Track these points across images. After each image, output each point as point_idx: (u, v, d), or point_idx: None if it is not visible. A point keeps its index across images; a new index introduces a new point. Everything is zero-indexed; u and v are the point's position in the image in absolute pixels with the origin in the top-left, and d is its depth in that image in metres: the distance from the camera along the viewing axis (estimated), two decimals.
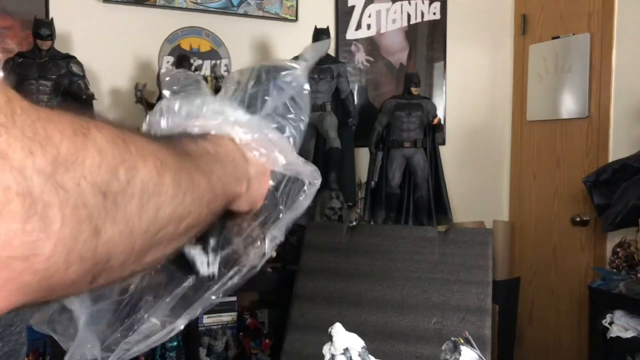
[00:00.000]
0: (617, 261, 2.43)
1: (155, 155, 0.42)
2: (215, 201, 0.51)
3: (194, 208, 0.46)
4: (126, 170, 0.38)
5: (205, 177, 0.49)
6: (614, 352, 2.28)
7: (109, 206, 0.36)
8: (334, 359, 0.73)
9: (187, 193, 0.45)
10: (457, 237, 2.40)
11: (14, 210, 0.31)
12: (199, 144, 0.53)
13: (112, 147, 0.38)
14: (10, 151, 0.31)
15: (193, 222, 0.47)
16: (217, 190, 0.51)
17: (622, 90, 2.78)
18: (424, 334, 2.14)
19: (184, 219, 0.45)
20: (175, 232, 0.44)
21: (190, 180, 0.46)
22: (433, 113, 2.91)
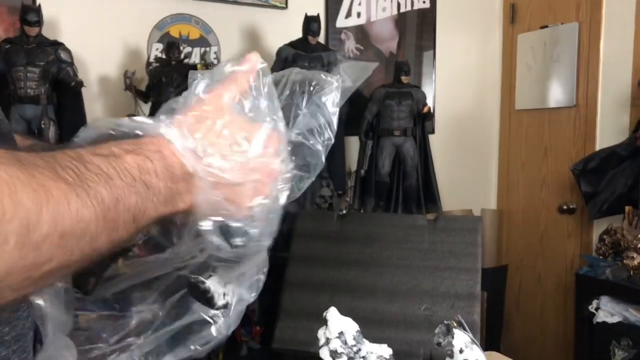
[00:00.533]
0: (604, 248, 2.46)
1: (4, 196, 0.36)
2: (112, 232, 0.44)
3: (61, 251, 0.40)
4: None
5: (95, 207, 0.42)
6: (600, 337, 2.32)
7: None
8: (329, 343, 0.74)
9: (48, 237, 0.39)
10: (447, 225, 2.42)
11: None
12: (117, 161, 0.46)
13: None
14: None
15: (61, 264, 0.41)
16: (118, 220, 0.44)
17: (609, 79, 2.80)
18: (414, 321, 2.17)
19: (39, 265, 0.39)
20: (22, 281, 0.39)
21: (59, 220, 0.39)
22: (423, 102, 2.92)
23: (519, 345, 3.25)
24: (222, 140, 0.52)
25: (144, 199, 0.46)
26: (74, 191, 0.40)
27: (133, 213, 0.46)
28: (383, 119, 2.90)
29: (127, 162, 0.46)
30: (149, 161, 0.47)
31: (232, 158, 0.52)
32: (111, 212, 0.43)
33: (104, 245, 0.45)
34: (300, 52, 2.70)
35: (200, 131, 0.51)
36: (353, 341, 0.75)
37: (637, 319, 2.19)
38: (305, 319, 2.17)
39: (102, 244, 0.44)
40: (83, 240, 0.41)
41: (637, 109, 2.55)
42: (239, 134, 0.53)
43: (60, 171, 0.41)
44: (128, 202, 0.45)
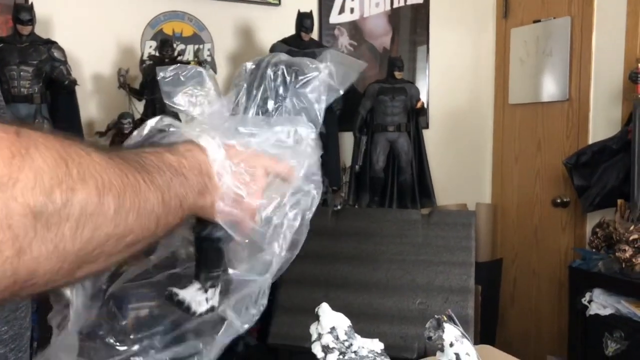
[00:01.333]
0: (597, 241, 2.48)
1: (98, 176, 0.42)
2: (167, 216, 0.51)
3: (138, 225, 0.47)
4: (63, 192, 0.39)
5: (157, 192, 0.49)
6: (593, 329, 2.34)
7: (39, 227, 0.37)
8: (321, 338, 0.75)
9: (130, 211, 0.45)
10: (441, 220, 2.43)
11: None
12: (162, 156, 0.53)
13: (50, 169, 0.38)
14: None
15: (136, 239, 0.47)
16: (171, 205, 0.51)
17: (601, 73, 2.82)
18: (409, 315, 2.18)
19: (125, 236, 0.45)
20: (114, 249, 0.45)
21: (136, 199, 0.46)
22: (416, 97, 2.93)
23: (513, 338, 3.27)
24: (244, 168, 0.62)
25: (185, 187, 0.54)
26: (141, 176, 0.48)
27: (180, 198, 0.53)
28: (377, 114, 2.91)
29: (169, 157, 0.54)
30: (184, 159, 0.55)
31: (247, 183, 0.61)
32: (166, 195, 0.50)
33: (165, 226, 0.51)
34: (293, 49, 2.71)
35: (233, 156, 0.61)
36: (345, 336, 0.76)
37: (629, 311, 2.21)
38: (300, 315, 2.18)
39: (163, 225, 0.51)
40: (151, 218, 0.48)
41: (628, 102, 2.57)
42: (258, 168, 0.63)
43: (129, 161, 0.48)
44: (176, 189, 0.52)
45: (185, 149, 0.57)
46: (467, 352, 0.77)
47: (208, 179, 0.58)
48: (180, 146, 0.58)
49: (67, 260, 0.40)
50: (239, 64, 2.93)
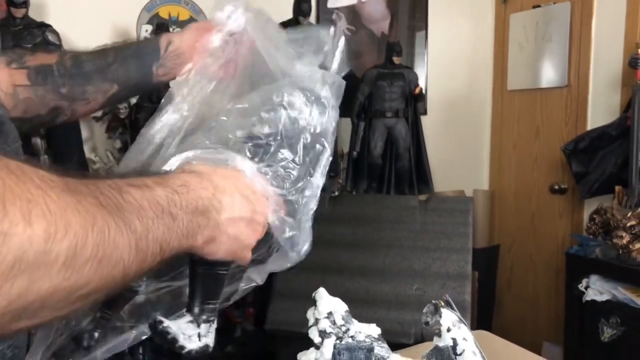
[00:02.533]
0: (594, 227, 2.48)
1: (51, 218, 0.37)
2: (140, 263, 0.46)
3: (98, 276, 0.41)
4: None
5: (130, 238, 0.44)
6: (589, 315, 2.35)
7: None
8: (318, 323, 0.75)
9: (89, 262, 0.40)
10: (438, 206, 2.43)
11: None
12: (150, 192, 0.49)
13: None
14: None
15: (94, 290, 0.42)
16: (147, 251, 0.46)
17: (601, 59, 2.80)
18: (406, 300, 2.19)
19: (78, 288, 0.40)
20: (62, 303, 0.40)
21: (100, 246, 0.41)
22: (415, 82, 2.91)
23: (510, 324, 3.28)
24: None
25: (170, 230, 0.49)
26: (113, 220, 0.42)
27: (160, 243, 0.48)
28: (375, 100, 2.89)
29: (157, 193, 0.49)
30: (177, 194, 0.51)
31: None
32: (142, 242, 0.45)
33: (134, 274, 0.46)
34: None
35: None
36: (342, 321, 0.75)
37: (625, 297, 2.22)
38: (297, 300, 2.19)
39: (132, 272, 0.46)
40: (117, 267, 0.43)
41: (628, 88, 2.56)
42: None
43: (102, 199, 0.43)
44: (156, 233, 0.47)
45: (180, 182, 0.53)
46: (464, 337, 0.77)
47: (205, 217, 0.54)
48: (175, 178, 0.54)
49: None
50: None
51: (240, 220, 0.59)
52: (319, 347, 0.74)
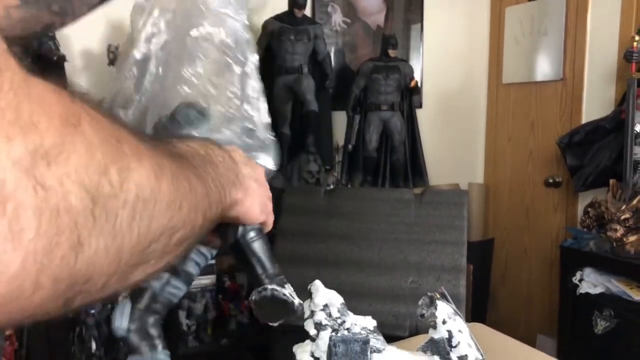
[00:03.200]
0: (588, 221, 2.49)
1: (151, 156, 0.36)
2: (211, 209, 0.47)
3: (189, 218, 0.41)
4: (119, 172, 0.32)
5: (201, 181, 0.45)
6: (583, 308, 2.36)
7: (98, 214, 0.30)
8: (314, 315, 0.75)
9: (183, 201, 0.40)
10: (433, 199, 2.43)
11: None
12: (189, 145, 0.51)
13: (102, 144, 0.32)
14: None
15: (186, 235, 0.42)
16: (213, 197, 0.47)
17: (596, 53, 2.80)
18: (401, 293, 2.19)
19: (177, 230, 0.40)
20: (166, 246, 0.39)
21: (188, 186, 0.41)
22: (410, 76, 2.91)
23: (504, 316, 3.30)
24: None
25: (222, 179, 0.52)
26: (188, 168, 0.44)
27: (220, 191, 0.51)
28: (370, 93, 2.89)
29: (197, 149, 0.52)
30: (215, 151, 0.55)
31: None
32: (210, 187, 0.48)
33: (206, 224, 0.47)
34: (286, 26, 2.68)
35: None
36: (337, 313, 0.75)
37: (619, 289, 2.23)
38: None
39: (206, 221, 0.47)
40: (197, 211, 0.44)
41: (622, 82, 2.56)
42: None
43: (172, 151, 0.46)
44: (216, 180, 0.50)
45: (206, 143, 0.56)
46: (459, 330, 0.77)
47: (235, 174, 0.57)
48: (199, 141, 0.56)
49: (124, 258, 0.33)
50: None
51: (258, 195, 0.63)
52: (314, 339, 0.74)
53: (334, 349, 0.69)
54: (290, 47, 2.67)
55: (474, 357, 0.75)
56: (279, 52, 2.69)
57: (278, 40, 2.67)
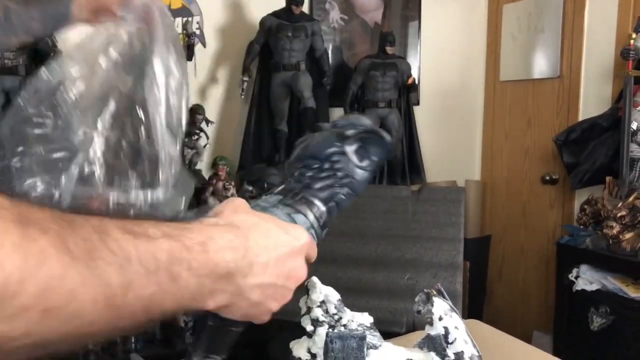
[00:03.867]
0: (585, 218, 2.50)
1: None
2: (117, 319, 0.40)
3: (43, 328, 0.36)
4: None
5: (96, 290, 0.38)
6: (579, 305, 2.37)
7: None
8: (311, 312, 0.75)
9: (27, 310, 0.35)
10: (430, 196, 2.44)
11: None
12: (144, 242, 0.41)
13: None
14: None
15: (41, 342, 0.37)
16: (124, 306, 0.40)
17: (593, 50, 2.81)
18: (397, 290, 2.20)
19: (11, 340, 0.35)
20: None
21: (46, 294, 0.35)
22: (408, 73, 2.91)
23: (501, 313, 3.31)
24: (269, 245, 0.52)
25: (164, 291, 0.42)
26: (75, 267, 0.36)
27: (146, 304, 0.42)
28: (368, 90, 2.89)
29: (159, 247, 0.42)
30: (186, 251, 0.44)
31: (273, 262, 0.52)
32: (118, 298, 0.39)
33: (102, 331, 0.41)
34: (284, 22, 2.67)
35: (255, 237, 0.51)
36: (334, 310, 0.76)
37: (615, 286, 2.24)
38: None
39: (99, 329, 0.40)
40: (74, 321, 0.37)
41: (619, 79, 2.57)
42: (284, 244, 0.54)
43: (70, 242, 0.37)
44: (142, 291, 0.41)
45: (202, 238, 0.46)
46: (456, 326, 0.77)
47: (225, 281, 0.48)
48: (197, 232, 0.47)
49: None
50: (228, 37, 2.90)
51: (269, 287, 0.52)
52: (311, 335, 0.74)
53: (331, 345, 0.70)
54: (288, 43, 2.67)
55: (470, 354, 0.76)
56: (276, 48, 2.69)
57: (275, 37, 2.67)
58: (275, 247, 0.53)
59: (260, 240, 0.51)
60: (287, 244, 0.54)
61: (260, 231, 0.52)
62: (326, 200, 0.64)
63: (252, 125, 2.77)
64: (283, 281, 0.53)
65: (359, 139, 0.64)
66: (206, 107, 2.60)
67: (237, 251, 0.49)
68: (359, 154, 0.64)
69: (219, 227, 0.49)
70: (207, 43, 2.77)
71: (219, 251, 0.47)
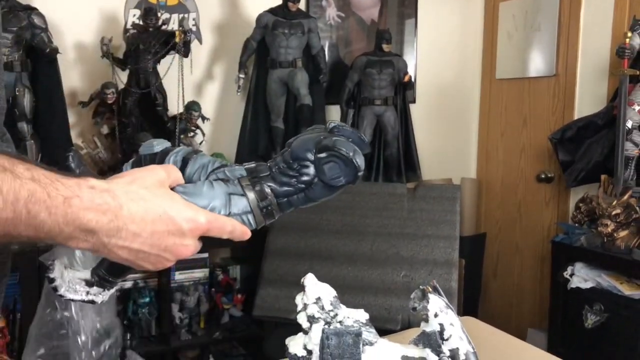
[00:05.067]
0: (580, 216, 2.51)
1: None
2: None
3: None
4: None
5: None
6: (573, 302, 2.38)
7: None
8: (307, 308, 0.75)
9: None
10: (426, 194, 2.45)
11: None
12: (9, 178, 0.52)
13: None
14: None
15: None
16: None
17: (588, 49, 2.81)
18: (393, 287, 2.20)
19: None
20: None
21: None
22: (404, 70, 2.91)
23: (495, 310, 3.32)
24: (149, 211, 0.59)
25: (20, 220, 0.52)
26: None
27: (3, 225, 0.52)
28: (364, 87, 2.89)
29: (23, 186, 0.52)
30: (48, 198, 0.53)
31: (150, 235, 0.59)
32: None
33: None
34: (280, 19, 2.67)
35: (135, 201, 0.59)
36: (330, 306, 0.76)
37: (609, 284, 2.25)
38: (285, 287, 2.20)
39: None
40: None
41: (615, 78, 2.57)
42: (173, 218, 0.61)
43: None
44: (1, 214, 0.51)
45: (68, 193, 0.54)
46: (451, 323, 0.77)
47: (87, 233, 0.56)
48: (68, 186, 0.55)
49: None
50: (224, 33, 2.90)
51: (139, 252, 0.59)
52: (307, 332, 0.74)
53: (327, 342, 0.70)
54: (284, 40, 2.66)
55: (465, 350, 0.76)
56: (272, 45, 2.68)
57: (272, 34, 2.66)
58: (153, 222, 0.59)
59: (137, 213, 0.58)
60: (170, 224, 0.60)
61: (141, 206, 0.58)
62: (279, 195, 0.69)
63: (249, 122, 2.77)
64: (158, 251, 0.60)
65: (336, 156, 0.67)
66: (202, 104, 2.60)
67: (103, 214, 0.56)
68: (330, 170, 0.68)
69: (92, 190, 0.56)
70: (204, 40, 2.77)
71: (82, 209, 0.54)
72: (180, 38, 2.43)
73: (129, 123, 2.45)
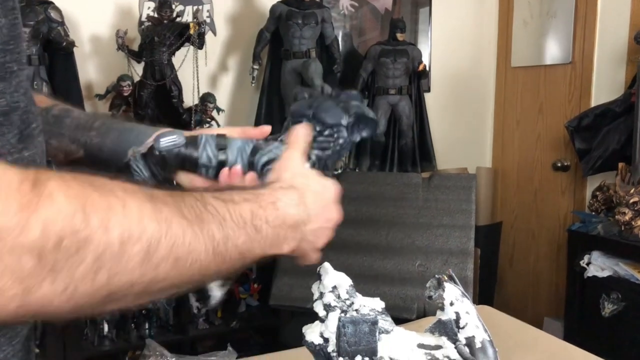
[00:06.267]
0: (596, 204, 2.49)
1: (126, 226, 0.44)
2: (219, 265, 0.53)
3: (175, 273, 0.48)
4: (73, 241, 0.40)
5: (207, 243, 0.50)
6: (590, 291, 2.37)
7: (46, 270, 0.40)
8: (323, 297, 0.76)
9: (163, 261, 0.47)
10: (441, 183, 2.44)
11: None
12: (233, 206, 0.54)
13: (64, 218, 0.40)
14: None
15: (173, 284, 0.50)
16: (226, 256, 0.53)
17: (605, 36, 2.78)
18: (408, 276, 2.21)
19: (157, 282, 0.47)
20: (143, 292, 0.47)
21: (174, 248, 0.47)
22: (418, 59, 2.89)
23: (511, 300, 3.31)
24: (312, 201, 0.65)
25: (252, 240, 0.55)
26: (190, 227, 0.49)
27: (240, 250, 0.55)
28: (378, 77, 2.88)
29: (242, 208, 0.55)
30: (262, 210, 0.57)
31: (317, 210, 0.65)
32: (220, 247, 0.52)
33: (212, 274, 0.54)
34: (294, 9, 2.67)
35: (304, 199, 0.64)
36: (346, 295, 0.76)
37: (627, 272, 2.24)
38: (301, 277, 2.21)
39: (210, 272, 0.53)
40: (193, 267, 0.50)
41: (633, 65, 2.54)
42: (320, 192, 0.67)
43: (184, 209, 0.50)
44: (237, 240, 0.54)
45: (272, 199, 0.59)
46: (467, 311, 0.78)
47: (294, 230, 0.61)
48: (268, 195, 0.60)
49: (81, 299, 0.43)
50: (238, 25, 2.90)
51: (319, 230, 0.66)
52: (323, 320, 0.75)
53: (343, 330, 0.71)
54: (298, 31, 2.66)
55: (482, 338, 0.76)
56: (286, 36, 2.69)
57: (285, 25, 2.67)
58: (322, 199, 0.66)
59: (312, 197, 0.65)
60: (327, 197, 0.68)
61: (311, 189, 0.66)
62: (322, 159, 0.75)
63: (263, 113, 2.78)
64: (326, 223, 0.67)
65: (356, 115, 0.75)
66: (217, 96, 2.61)
67: (299, 206, 0.62)
68: (353, 129, 0.76)
69: (283, 190, 0.62)
70: (218, 31, 2.77)
71: (286, 207, 0.60)
72: (194, 30, 2.44)
73: (145, 115, 2.48)
